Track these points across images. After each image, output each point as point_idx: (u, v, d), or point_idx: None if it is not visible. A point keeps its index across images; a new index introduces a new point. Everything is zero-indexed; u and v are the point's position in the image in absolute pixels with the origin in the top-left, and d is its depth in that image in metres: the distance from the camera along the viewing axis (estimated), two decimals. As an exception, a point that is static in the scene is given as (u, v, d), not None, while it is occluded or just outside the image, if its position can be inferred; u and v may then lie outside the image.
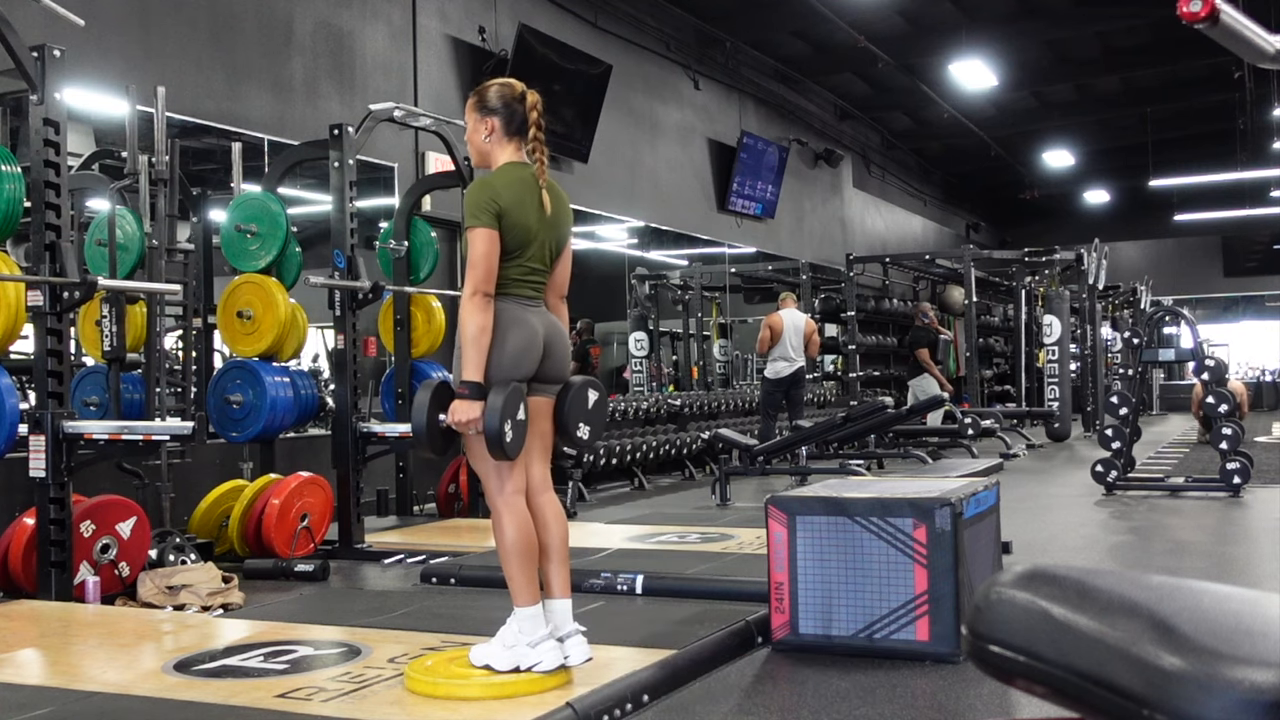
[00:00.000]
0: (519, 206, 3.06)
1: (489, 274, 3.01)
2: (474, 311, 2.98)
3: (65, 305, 4.53)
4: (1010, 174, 21.38)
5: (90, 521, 4.58)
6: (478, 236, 3.01)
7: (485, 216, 3.01)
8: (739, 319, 15.80)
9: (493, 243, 3.01)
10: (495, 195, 3.04)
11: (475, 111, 3.18)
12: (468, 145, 3.27)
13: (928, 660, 3.46)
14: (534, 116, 3.15)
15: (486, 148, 3.18)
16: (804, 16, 12.58)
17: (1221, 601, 0.84)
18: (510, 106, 3.15)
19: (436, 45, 9.07)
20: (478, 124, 3.17)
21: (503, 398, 2.95)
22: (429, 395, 3.04)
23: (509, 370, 3.03)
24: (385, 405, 7.01)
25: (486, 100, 3.16)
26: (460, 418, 2.96)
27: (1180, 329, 13.88)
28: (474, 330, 2.98)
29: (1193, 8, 1.90)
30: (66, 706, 2.97)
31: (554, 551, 3.13)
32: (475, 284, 3.00)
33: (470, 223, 3.02)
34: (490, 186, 3.06)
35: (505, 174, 3.12)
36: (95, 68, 6.21)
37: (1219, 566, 5.26)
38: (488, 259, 3.00)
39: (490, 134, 3.16)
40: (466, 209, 3.05)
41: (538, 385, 3.14)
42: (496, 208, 3.02)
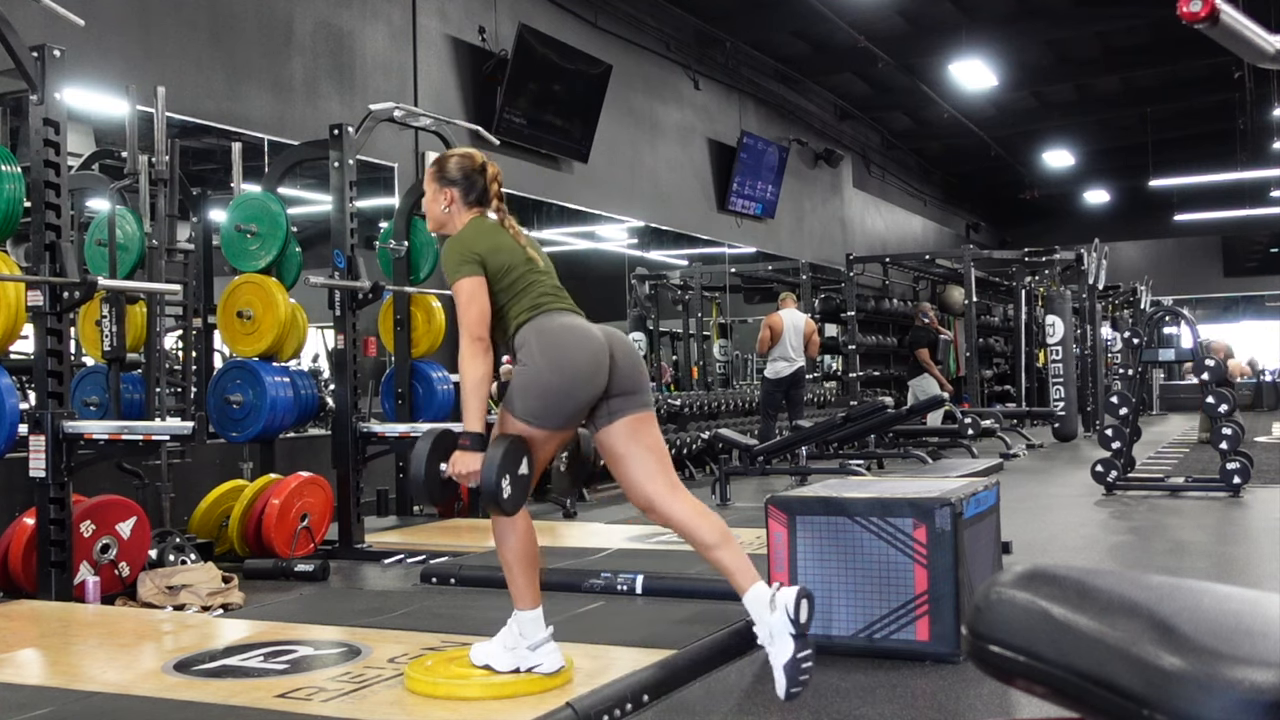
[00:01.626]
0: (498, 249, 3.04)
1: (481, 317, 2.95)
2: (471, 360, 2.92)
3: (65, 305, 4.53)
4: (1010, 174, 21.38)
5: (90, 521, 4.58)
6: (461, 287, 2.96)
7: (466, 267, 2.97)
8: (739, 319, 15.80)
9: (478, 287, 2.96)
10: (469, 244, 3.01)
11: (435, 181, 3.17)
12: (425, 211, 3.25)
13: (928, 660, 3.46)
14: (495, 188, 3.16)
15: (444, 217, 3.17)
16: (804, 16, 12.57)
17: (1221, 601, 0.84)
18: (470, 178, 3.14)
19: (436, 45, 9.07)
20: (437, 194, 3.16)
21: (501, 450, 2.84)
22: (430, 445, 2.96)
23: (572, 394, 2.90)
24: (385, 405, 7.01)
25: (446, 171, 3.16)
26: (460, 469, 2.89)
27: (1180, 329, 13.87)
28: (473, 380, 2.90)
29: (1193, 8, 1.90)
30: (66, 706, 2.97)
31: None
32: (469, 329, 2.94)
33: (452, 278, 2.97)
34: (461, 240, 3.04)
35: (472, 227, 3.10)
36: (95, 68, 6.21)
37: (1219, 566, 5.26)
38: (476, 302, 2.94)
39: (449, 204, 3.15)
40: (445, 267, 3.00)
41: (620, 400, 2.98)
42: (475, 256, 2.99)
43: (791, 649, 2.81)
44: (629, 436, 2.97)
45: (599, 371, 2.92)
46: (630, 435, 2.97)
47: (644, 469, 2.97)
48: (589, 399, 2.94)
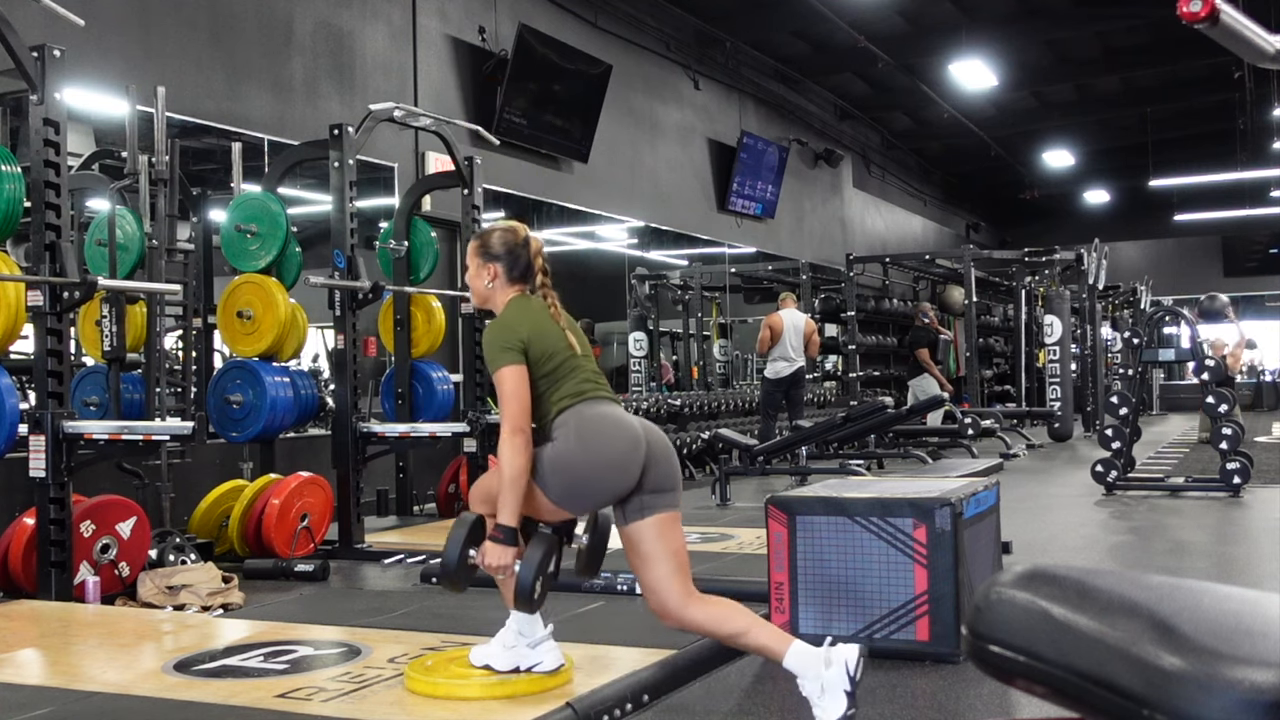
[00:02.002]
0: (541, 333, 2.98)
1: (523, 409, 2.89)
2: (513, 454, 2.84)
3: (65, 305, 4.53)
4: (1010, 174, 21.38)
5: (90, 521, 4.58)
6: (504, 376, 2.90)
7: (508, 354, 2.91)
8: (739, 319, 15.80)
9: (521, 378, 2.91)
10: (513, 329, 2.95)
11: (478, 256, 3.11)
12: (469, 287, 3.19)
13: (928, 660, 3.46)
14: (539, 262, 3.10)
15: (488, 293, 3.11)
16: (804, 16, 12.57)
17: (1221, 601, 0.84)
18: (513, 253, 3.09)
19: (436, 45, 9.07)
20: (480, 269, 3.10)
21: (540, 551, 2.84)
22: (465, 531, 2.92)
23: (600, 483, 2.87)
24: (385, 405, 7.01)
25: (490, 247, 3.10)
26: (491, 562, 2.86)
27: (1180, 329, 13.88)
28: (512, 472, 2.83)
29: (1193, 8, 1.90)
30: (66, 706, 2.97)
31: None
32: (511, 422, 2.86)
33: (494, 365, 2.93)
34: (505, 324, 2.98)
35: (515, 308, 3.05)
36: (95, 68, 6.21)
37: (1219, 566, 5.27)
38: (518, 396, 2.89)
39: (493, 280, 3.09)
40: (487, 352, 2.95)
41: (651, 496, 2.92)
42: (519, 342, 2.93)
43: (844, 706, 2.75)
44: (656, 536, 2.92)
45: (632, 463, 2.88)
46: (657, 535, 2.92)
47: (664, 573, 2.92)
48: (618, 490, 2.90)
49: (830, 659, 2.77)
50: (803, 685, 2.79)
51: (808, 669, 2.78)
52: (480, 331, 6.83)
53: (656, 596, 2.92)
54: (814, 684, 2.77)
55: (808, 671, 2.78)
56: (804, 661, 2.78)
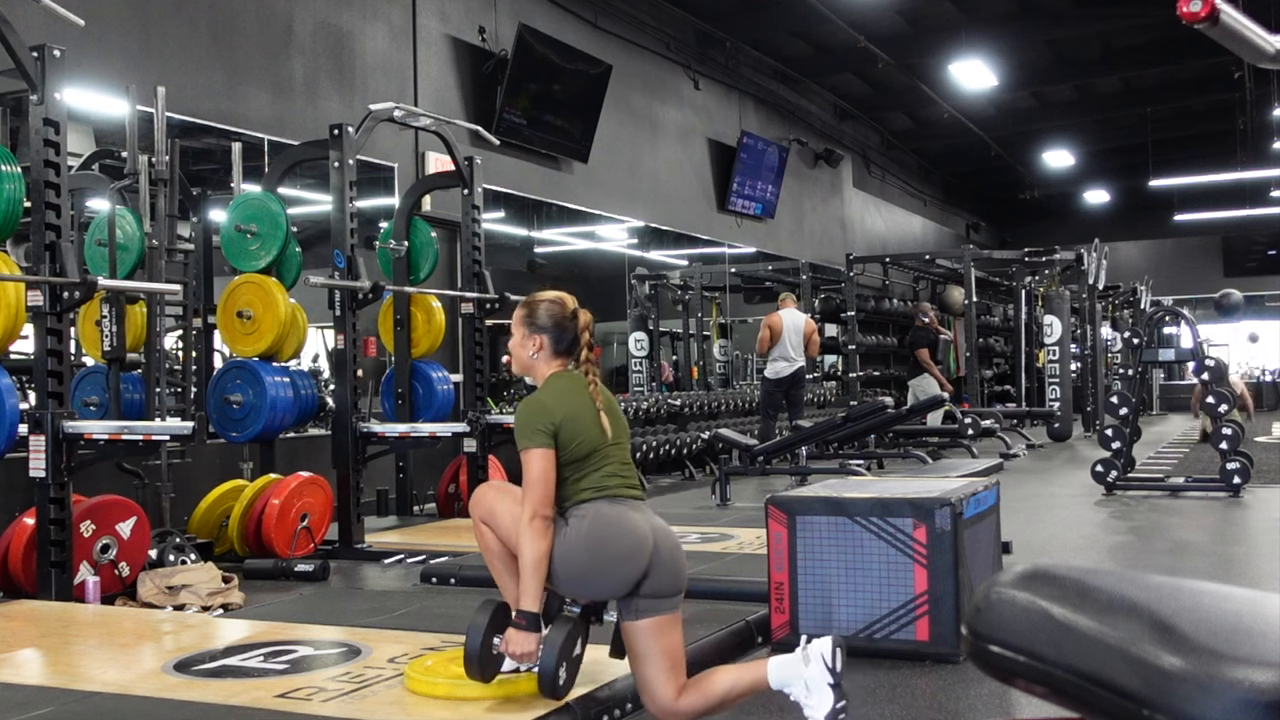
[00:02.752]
0: (577, 416, 2.93)
1: (546, 497, 2.85)
2: (532, 538, 2.81)
3: (65, 305, 4.53)
4: (1010, 174, 21.38)
5: (90, 521, 4.58)
6: (532, 459, 2.86)
7: (539, 437, 2.86)
8: (739, 319, 15.80)
9: (548, 463, 2.86)
10: (548, 413, 2.90)
11: (523, 326, 3.05)
12: (510, 352, 3.14)
13: (928, 660, 3.46)
14: (586, 338, 3.05)
15: (530, 363, 3.06)
16: (804, 16, 12.57)
17: (1221, 601, 0.84)
18: (561, 326, 3.03)
19: (436, 45, 9.07)
20: (525, 339, 3.05)
21: (563, 635, 2.81)
22: (487, 618, 2.88)
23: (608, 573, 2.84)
24: (385, 405, 7.01)
25: (536, 318, 3.04)
26: (514, 650, 2.82)
27: (1180, 329, 13.87)
28: (533, 560, 2.80)
29: (1193, 8, 1.89)
30: (66, 706, 2.97)
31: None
32: (534, 507, 2.83)
33: (523, 444, 2.88)
34: (541, 405, 2.92)
35: (554, 388, 2.99)
36: (95, 68, 6.21)
37: (1219, 566, 5.26)
38: (544, 480, 2.85)
39: (538, 351, 3.04)
40: (518, 429, 2.91)
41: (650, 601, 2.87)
42: (551, 426, 2.88)
43: (831, 700, 2.73)
44: (650, 637, 2.88)
45: (634, 563, 2.85)
46: (651, 636, 2.88)
47: (655, 672, 2.88)
48: (614, 589, 2.87)
49: (808, 657, 2.76)
50: (791, 692, 2.79)
51: (791, 676, 2.77)
52: (481, 333, 6.84)
53: (647, 692, 2.89)
54: (799, 686, 2.77)
55: (792, 678, 2.77)
56: (785, 672, 2.78)
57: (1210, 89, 16.25)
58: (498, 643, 2.86)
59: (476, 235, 6.78)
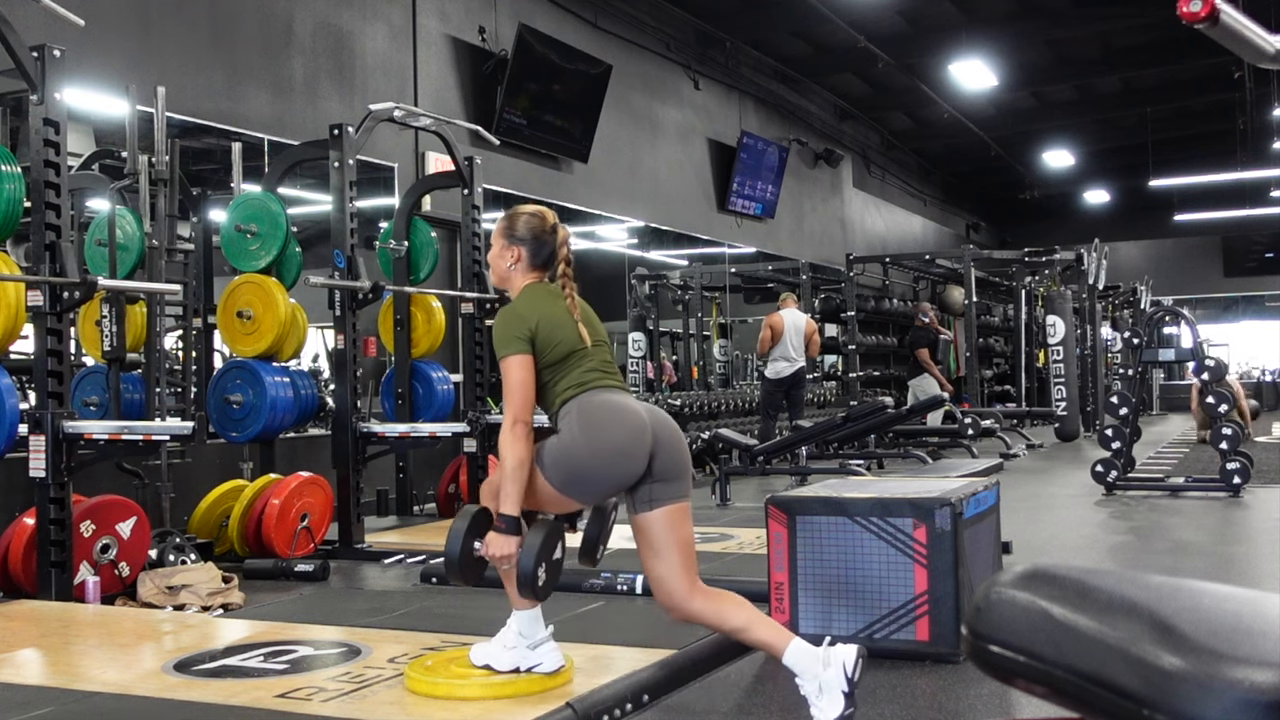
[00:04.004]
0: (552, 321, 2.98)
1: (526, 400, 2.89)
2: (513, 443, 2.83)
3: (65, 305, 4.53)
4: (1010, 174, 21.38)
5: (90, 521, 4.58)
6: (509, 365, 2.90)
7: (515, 344, 2.91)
8: (739, 319, 15.79)
9: (526, 369, 2.91)
10: (522, 320, 2.95)
11: (503, 238, 3.11)
12: (489, 266, 3.19)
13: (928, 660, 3.46)
14: (564, 253, 3.11)
15: (508, 274, 3.12)
16: (804, 16, 12.57)
17: (1221, 601, 0.84)
18: (539, 239, 3.09)
19: (436, 45, 9.07)
20: (504, 250, 3.10)
21: (541, 536, 2.82)
22: (467, 524, 2.91)
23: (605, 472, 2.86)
24: (385, 405, 7.01)
25: (515, 229, 3.10)
26: (495, 552, 2.86)
27: (1180, 329, 13.86)
28: (513, 463, 2.83)
29: (1193, 8, 1.89)
30: (66, 706, 2.97)
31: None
32: (514, 413, 2.86)
33: (501, 353, 2.93)
34: (515, 313, 2.98)
35: (528, 296, 3.05)
36: (95, 68, 6.21)
37: (1219, 566, 5.26)
38: (523, 386, 2.89)
39: (515, 263, 3.09)
40: (495, 339, 2.96)
41: (659, 486, 2.91)
42: (527, 332, 2.93)
43: (841, 706, 2.75)
44: (665, 529, 2.92)
45: (637, 451, 2.87)
46: (666, 527, 2.92)
47: (671, 565, 2.92)
48: (623, 479, 2.88)
49: (829, 659, 2.77)
50: (801, 684, 2.80)
51: (806, 668, 2.78)
52: (481, 333, 6.84)
53: (663, 588, 2.93)
54: (812, 683, 2.77)
55: (806, 670, 2.78)
56: (803, 660, 2.79)
57: (1210, 89, 16.24)
58: (478, 547, 2.90)
59: (476, 235, 6.79)
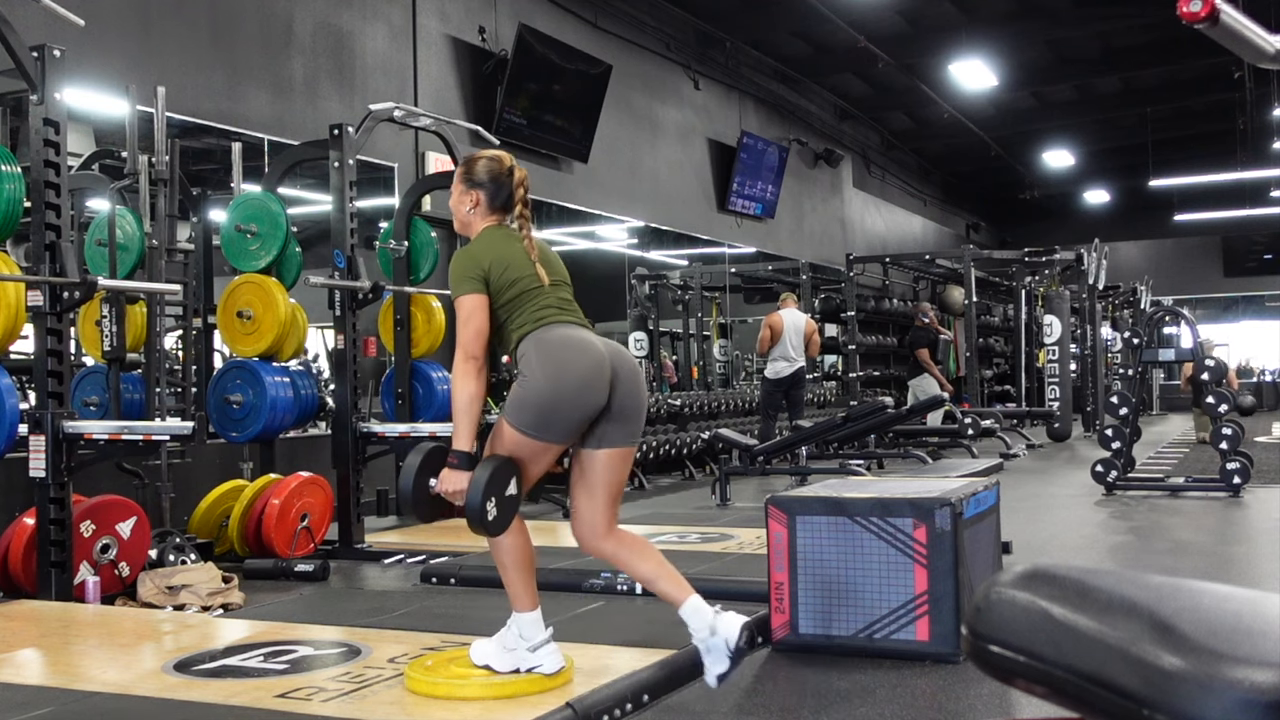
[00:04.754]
0: (505, 262, 3.01)
1: (477, 335, 2.93)
2: (463, 378, 2.89)
3: (65, 305, 4.53)
4: (1010, 174, 21.38)
5: (90, 521, 4.58)
6: (462, 304, 2.95)
7: (468, 284, 2.95)
8: (739, 319, 15.79)
9: (477, 306, 2.94)
10: (476, 261, 2.99)
11: (461, 183, 3.15)
12: (451, 211, 3.22)
13: (928, 660, 3.46)
14: (520, 193, 3.13)
15: (468, 219, 3.15)
16: (804, 16, 12.58)
17: (1221, 601, 0.84)
18: (497, 181, 3.12)
19: (436, 45, 9.07)
20: (463, 195, 3.14)
21: (488, 472, 2.83)
22: (420, 460, 2.94)
23: (570, 406, 2.86)
24: (385, 405, 7.01)
25: (474, 174, 3.13)
26: (447, 488, 2.89)
27: (1180, 329, 13.86)
28: (464, 398, 2.88)
29: (1193, 8, 1.89)
30: (66, 706, 2.96)
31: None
32: (464, 349, 2.91)
33: (455, 293, 2.97)
34: (470, 255, 3.02)
35: (484, 238, 3.08)
36: (95, 68, 6.21)
37: (1219, 566, 5.26)
38: (472, 322, 2.93)
39: (474, 207, 3.13)
40: (451, 280, 2.99)
41: (612, 427, 2.95)
42: (480, 271, 2.97)
43: (725, 667, 2.93)
44: (604, 469, 2.98)
45: (598, 384, 2.88)
46: (607, 468, 2.98)
47: (598, 503, 2.99)
48: (588, 412, 2.90)
49: (715, 627, 2.91)
50: (695, 634, 2.97)
51: (699, 626, 2.94)
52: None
53: (583, 521, 3.02)
54: (701, 640, 2.94)
55: (698, 628, 2.94)
56: (695, 618, 2.94)
57: (1210, 89, 16.25)
58: (434, 484, 2.94)
59: (476, 235, 6.78)
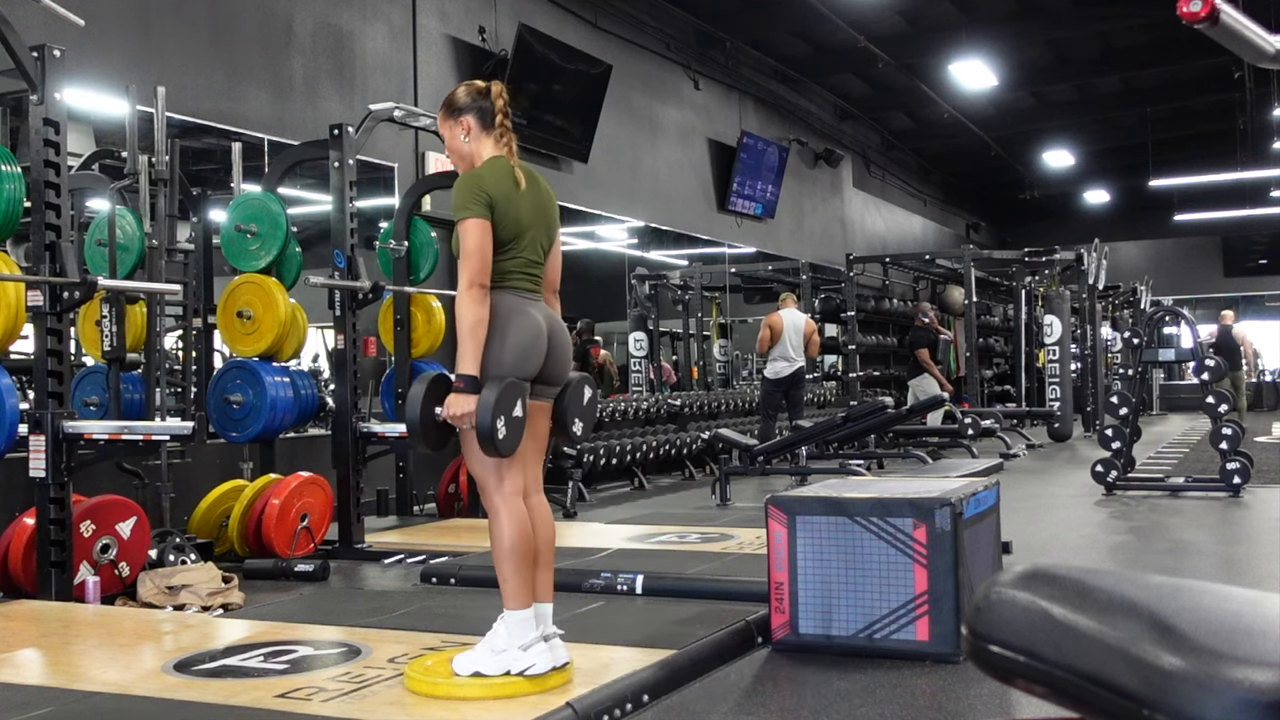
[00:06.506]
0: (507, 199, 3.05)
1: (484, 264, 2.97)
2: (470, 304, 2.94)
3: (65, 305, 4.53)
4: (1010, 174, 21.38)
5: (90, 521, 4.58)
6: (469, 228, 2.98)
7: (476, 207, 2.98)
8: (739, 319, 15.80)
9: (485, 233, 2.98)
10: (484, 186, 3.02)
11: (448, 118, 3.18)
12: (450, 156, 3.25)
13: (928, 660, 3.46)
14: (500, 104, 3.17)
15: (467, 149, 3.17)
16: (804, 16, 12.57)
17: (1221, 601, 0.84)
18: (479, 101, 3.16)
19: (436, 45, 9.07)
20: (454, 128, 3.17)
21: (496, 392, 2.88)
22: (424, 388, 2.98)
23: (512, 367, 2.97)
24: (385, 405, 7.01)
25: (456, 102, 3.17)
26: (455, 411, 2.91)
27: (1180, 329, 13.87)
28: (470, 322, 2.93)
29: (1193, 8, 1.89)
30: (66, 706, 2.97)
31: (541, 555, 3.08)
32: (470, 276, 2.95)
33: (460, 215, 2.99)
34: (478, 177, 3.05)
35: (491, 166, 3.11)
36: (95, 68, 6.21)
37: (1219, 566, 5.27)
38: (481, 250, 2.97)
39: (468, 133, 3.16)
40: (455, 202, 3.02)
41: (539, 386, 3.09)
42: (487, 198, 3.00)
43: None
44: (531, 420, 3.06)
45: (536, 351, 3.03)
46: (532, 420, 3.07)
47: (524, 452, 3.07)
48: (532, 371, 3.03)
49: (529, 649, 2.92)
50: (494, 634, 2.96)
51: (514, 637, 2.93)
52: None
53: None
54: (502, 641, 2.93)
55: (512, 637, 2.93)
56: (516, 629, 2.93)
57: (1210, 89, 16.24)
58: (439, 412, 2.96)
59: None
